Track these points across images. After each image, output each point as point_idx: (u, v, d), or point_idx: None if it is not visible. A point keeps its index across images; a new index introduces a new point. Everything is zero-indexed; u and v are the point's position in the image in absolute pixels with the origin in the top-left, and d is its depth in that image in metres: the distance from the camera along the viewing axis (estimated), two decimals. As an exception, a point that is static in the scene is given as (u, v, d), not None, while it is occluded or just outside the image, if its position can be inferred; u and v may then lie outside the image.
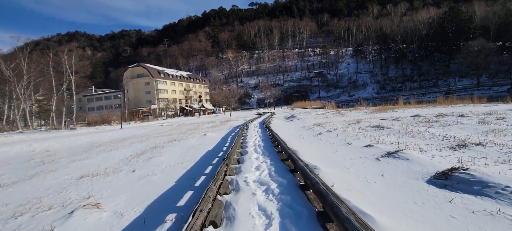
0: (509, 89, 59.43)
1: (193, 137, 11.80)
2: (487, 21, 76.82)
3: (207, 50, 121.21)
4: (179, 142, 10.50)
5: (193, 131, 16.05)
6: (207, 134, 12.52)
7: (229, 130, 14.64)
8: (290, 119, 19.34)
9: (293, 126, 14.54)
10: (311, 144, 7.98)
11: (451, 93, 63.33)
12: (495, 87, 63.91)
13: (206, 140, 10.72)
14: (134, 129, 22.04)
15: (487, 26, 75.84)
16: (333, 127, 10.90)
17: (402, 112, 15.92)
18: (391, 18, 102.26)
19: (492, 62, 67.86)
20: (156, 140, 12.34)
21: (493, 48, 67.34)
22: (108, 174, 5.75)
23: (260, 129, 13.76)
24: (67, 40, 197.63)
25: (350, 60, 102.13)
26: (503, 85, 63.43)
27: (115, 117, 47.16)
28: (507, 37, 72.46)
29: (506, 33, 71.91)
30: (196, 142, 10.35)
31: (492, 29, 74.65)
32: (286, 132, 11.61)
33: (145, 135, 16.27)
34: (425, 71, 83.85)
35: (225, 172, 4.25)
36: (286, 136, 9.92)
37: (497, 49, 69.65)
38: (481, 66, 67.14)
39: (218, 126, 18.94)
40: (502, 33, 72.58)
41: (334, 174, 4.22)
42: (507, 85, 61.98)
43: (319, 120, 15.58)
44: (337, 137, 8.45)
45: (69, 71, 34.93)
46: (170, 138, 12.72)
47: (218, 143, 9.70)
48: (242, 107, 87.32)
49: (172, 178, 5.01)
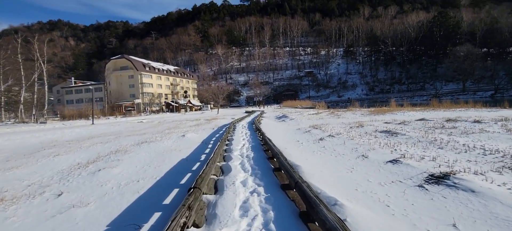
0: (493, 95, 60.68)
1: (169, 138, 9.87)
2: (474, 27, 78.26)
3: (196, 45, 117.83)
4: (149, 145, 8.55)
5: (172, 129, 14.07)
6: (186, 134, 10.59)
7: (213, 130, 12.77)
8: (281, 119, 17.65)
9: (286, 127, 12.84)
10: (314, 154, 6.28)
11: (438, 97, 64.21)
12: (479, 92, 65.22)
13: (183, 142, 8.83)
14: (107, 126, 19.65)
15: (473, 32, 77.28)
16: (334, 131, 9.26)
17: (403, 115, 14.57)
18: (382, 20, 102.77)
19: (477, 68, 69.17)
20: (124, 140, 10.31)
21: (479, 54, 68.60)
22: (18, 199, 3.82)
23: (249, 130, 11.89)
24: (49, 29, 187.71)
25: (340, 61, 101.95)
26: (487, 91, 64.80)
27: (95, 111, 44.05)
28: (492, 43, 74.14)
29: (491, 40, 73.55)
30: (170, 145, 8.45)
31: (478, 36, 76.12)
32: (280, 135, 9.88)
33: (116, 133, 14.12)
34: (413, 75, 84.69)
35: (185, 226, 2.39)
36: (281, 140, 8.20)
37: (483, 55, 71.05)
38: (467, 72, 68.33)
39: (202, 124, 17.00)
40: (487, 40, 74.19)
41: (373, 222, 2.51)
42: (491, 91, 63.33)
43: (314, 121, 13.97)
44: (344, 145, 6.80)
45: (40, 60, 31.74)
46: (142, 138, 10.71)
47: (197, 148, 7.84)
48: (231, 104, 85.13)
49: (107, 215, 3.16)
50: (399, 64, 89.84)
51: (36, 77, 32.29)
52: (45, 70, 31.87)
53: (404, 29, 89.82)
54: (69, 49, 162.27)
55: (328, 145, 7.11)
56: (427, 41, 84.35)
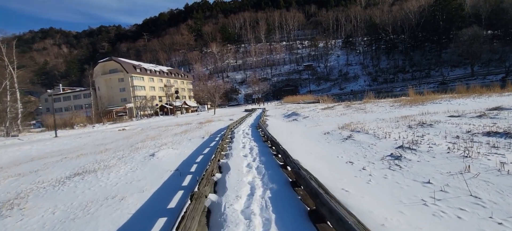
0: (504, 78, 57.35)
1: (128, 162, 6.31)
2: (479, 9, 74.78)
3: (190, 44, 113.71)
4: (81, 181, 5.00)
5: (148, 141, 10.48)
6: (158, 152, 6.99)
7: (202, 141, 9.20)
8: (291, 118, 14.05)
9: (305, 130, 9.27)
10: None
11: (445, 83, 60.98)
12: (489, 76, 61.87)
13: (145, 173, 5.28)
14: (72, 138, 15.67)
15: (478, 13, 73.83)
16: (397, 136, 5.72)
17: (453, 104, 11.03)
18: (380, 8, 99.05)
19: (484, 51, 65.83)
20: (55, 169, 6.71)
21: (486, 36, 65.33)
22: None
23: (256, 140, 7.79)
24: (41, 37, 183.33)
25: (339, 52, 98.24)
26: (498, 74, 61.42)
27: (79, 119, 40.32)
28: (498, 25, 70.79)
29: (497, 21, 70.17)
30: (118, 180, 4.91)
31: (484, 17, 72.70)
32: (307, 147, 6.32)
33: (68, 151, 10.55)
34: (417, 62, 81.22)
35: None
36: (322, 166, 4.66)
37: (489, 38, 67.74)
38: (475, 55, 64.89)
39: (192, 130, 13.39)
40: (493, 21, 70.75)
41: None
42: (502, 74, 60.03)
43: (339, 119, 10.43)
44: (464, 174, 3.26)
45: (10, 67, 27.95)
46: (87, 163, 7.11)
47: (159, 191, 4.27)
48: (229, 103, 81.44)
49: None
50: (402, 52, 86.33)
51: (8, 84, 28.50)
52: (16, 77, 28.04)
53: (404, 16, 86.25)
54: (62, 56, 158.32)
55: (437, 180, 3.56)
56: (429, 27, 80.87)
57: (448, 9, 77.33)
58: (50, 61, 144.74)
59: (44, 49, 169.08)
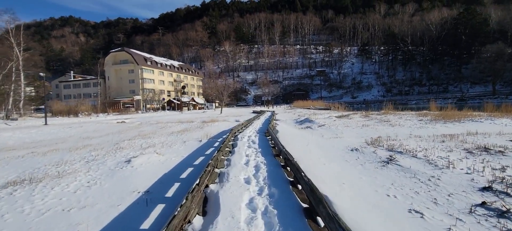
0: (528, 98, 53.74)
1: (87, 171, 4.84)
2: (505, 25, 70.97)
3: (203, 41, 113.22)
4: (19, 193, 3.54)
5: (139, 138, 9.08)
6: (138, 158, 5.50)
7: (198, 145, 7.69)
8: (304, 125, 12.38)
9: (324, 143, 7.61)
10: None
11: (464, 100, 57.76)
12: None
13: (95, 193, 3.77)
14: (62, 128, 14.44)
15: (504, 30, 70.05)
16: (465, 164, 4.03)
17: (492, 124, 9.15)
18: (400, 17, 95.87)
19: (508, 69, 62.11)
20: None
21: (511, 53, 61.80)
22: None
23: (264, 154, 5.99)
24: (60, 25, 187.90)
25: (354, 60, 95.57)
26: (521, 94, 57.66)
27: (84, 107, 39.70)
28: (525, 43, 66.97)
29: (524, 39, 66.38)
30: (47, 203, 3.40)
31: (510, 34, 68.93)
32: (344, 177, 4.68)
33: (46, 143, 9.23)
34: (435, 76, 77.76)
35: None
36: (369, 215, 3.05)
37: (512, 55, 63.91)
38: (498, 73, 61.32)
39: (191, 130, 11.92)
40: (519, 39, 66.95)
41: None
42: (526, 95, 56.33)
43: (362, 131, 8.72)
44: None
45: (16, 49, 27.34)
46: (44, 164, 5.71)
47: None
48: (237, 103, 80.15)
49: None
50: (419, 64, 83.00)
51: (13, 67, 27.94)
52: (21, 60, 27.40)
53: (425, 27, 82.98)
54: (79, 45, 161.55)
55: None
56: (450, 40, 77.32)
57: (472, 24, 73.68)
58: (66, 49, 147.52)
59: (62, 36, 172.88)
